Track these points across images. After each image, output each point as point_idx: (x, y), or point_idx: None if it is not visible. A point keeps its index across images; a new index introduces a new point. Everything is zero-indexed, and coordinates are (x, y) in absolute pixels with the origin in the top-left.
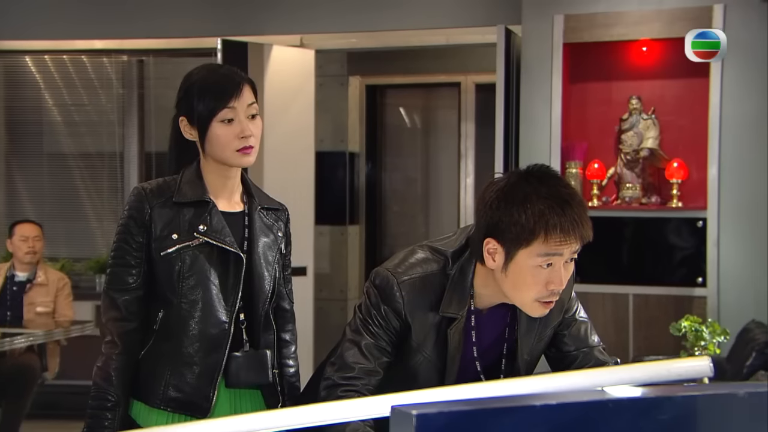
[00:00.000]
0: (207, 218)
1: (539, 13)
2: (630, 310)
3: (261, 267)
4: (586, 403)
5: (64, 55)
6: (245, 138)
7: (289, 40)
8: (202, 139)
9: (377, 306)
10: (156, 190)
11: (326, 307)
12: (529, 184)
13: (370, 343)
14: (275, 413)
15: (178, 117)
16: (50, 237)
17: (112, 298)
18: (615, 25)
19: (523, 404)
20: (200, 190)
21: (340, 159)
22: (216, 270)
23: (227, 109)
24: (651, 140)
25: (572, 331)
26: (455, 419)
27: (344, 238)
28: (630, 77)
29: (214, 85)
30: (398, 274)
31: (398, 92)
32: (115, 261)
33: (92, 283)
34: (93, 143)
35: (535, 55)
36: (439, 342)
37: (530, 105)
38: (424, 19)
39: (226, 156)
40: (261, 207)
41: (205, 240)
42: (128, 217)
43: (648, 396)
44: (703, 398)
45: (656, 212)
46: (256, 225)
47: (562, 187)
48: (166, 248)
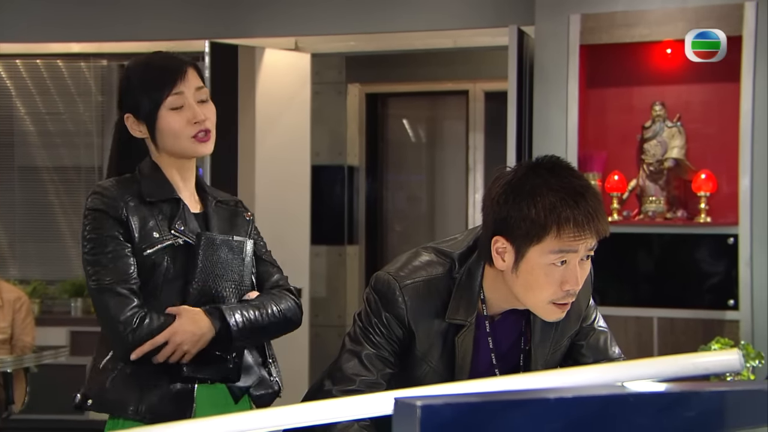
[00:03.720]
0: (182, 217)
1: (554, 12)
2: (654, 335)
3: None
4: (604, 398)
5: (37, 60)
6: (199, 123)
7: (282, 42)
8: (152, 133)
9: (378, 313)
10: (121, 187)
11: (323, 334)
12: (539, 176)
13: (372, 353)
14: (267, 412)
15: (123, 116)
16: (22, 257)
17: (116, 292)
18: (636, 25)
19: (536, 397)
20: (168, 187)
21: (338, 174)
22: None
23: (174, 95)
24: (676, 150)
25: (590, 341)
26: (463, 412)
27: (342, 260)
28: (653, 82)
29: (156, 71)
30: (401, 278)
31: (401, 101)
32: (102, 255)
33: (67, 307)
34: (69, 156)
35: (549, 59)
36: (446, 351)
37: (544, 113)
38: (429, 21)
39: (182, 146)
40: (216, 201)
41: (185, 240)
42: (101, 212)
43: (672, 391)
44: (732, 394)
45: (682, 228)
46: (213, 223)
47: (575, 178)
48: (149, 247)
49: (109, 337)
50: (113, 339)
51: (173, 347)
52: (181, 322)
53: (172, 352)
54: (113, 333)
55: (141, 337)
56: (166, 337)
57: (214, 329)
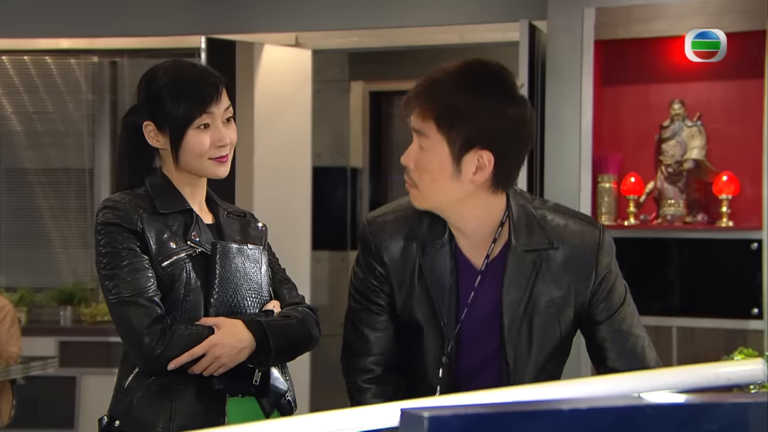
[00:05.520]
0: (197, 228)
1: (567, 6)
2: (673, 345)
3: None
4: (620, 409)
5: (24, 56)
6: (223, 147)
7: (282, 38)
8: (175, 148)
9: (360, 263)
10: (134, 200)
11: (325, 344)
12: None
13: (367, 314)
14: (273, 424)
15: (141, 122)
16: (8, 264)
17: (138, 304)
18: (655, 19)
19: (549, 408)
20: (180, 199)
21: (341, 175)
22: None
23: (206, 114)
24: (696, 150)
25: (625, 346)
26: (472, 423)
27: (345, 266)
28: (672, 79)
29: (192, 86)
30: (371, 217)
31: None
32: (120, 269)
33: (56, 316)
34: (58, 157)
35: (562, 55)
36: (422, 285)
37: (557, 111)
38: (436, 15)
39: (201, 166)
40: (227, 212)
41: (201, 250)
42: (115, 225)
43: (692, 403)
44: (755, 407)
45: (703, 233)
46: (226, 233)
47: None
48: (166, 258)
49: (133, 351)
50: (137, 352)
51: (211, 359)
52: (221, 335)
53: (208, 365)
54: (137, 345)
55: (172, 348)
56: (205, 348)
57: (254, 343)
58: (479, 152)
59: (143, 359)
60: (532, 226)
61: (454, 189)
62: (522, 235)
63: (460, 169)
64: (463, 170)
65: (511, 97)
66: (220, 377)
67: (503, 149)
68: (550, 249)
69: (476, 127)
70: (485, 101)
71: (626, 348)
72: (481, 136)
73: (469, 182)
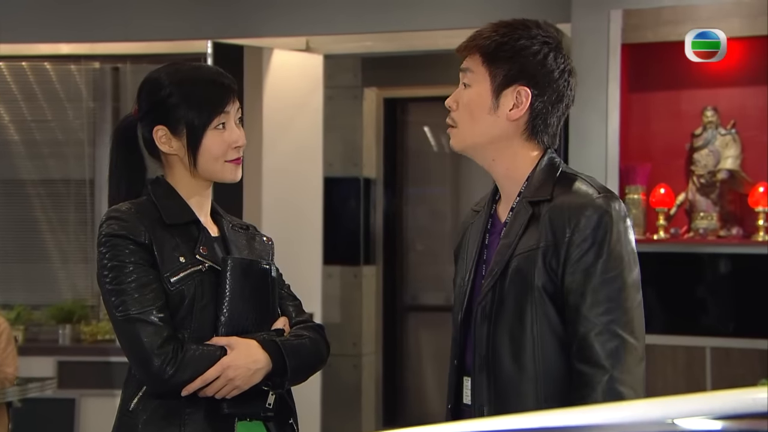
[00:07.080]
0: (204, 241)
1: (593, 8)
2: (707, 367)
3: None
4: None
5: (22, 62)
6: (238, 148)
7: (292, 43)
8: (193, 151)
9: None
10: (139, 210)
11: (336, 364)
12: None
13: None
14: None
15: (151, 127)
16: (4, 280)
17: (147, 322)
18: (685, 21)
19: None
20: (188, 210)
21: (353, 186)
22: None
23: (223, 113)
24: (730, 160)
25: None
26: None
27: (358, 281)
28: (704, 84)
29: (207, 87)
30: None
31: (422, 107)
32: (126, 284)
33: (54, 334)
34: (57, 167)
35: (587, 59)
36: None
37: (582, 119)
38: (453, 19)
39: (218, 168)
40: (232, 225)
41: (210, 265)
42: (121, 237)
43: (728, 430)
44: None
45: (737, 247)
46: (233, 247)
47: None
48: (174, 274)
49: (141, 372)
50: (147, 373)
51: (224, 382)
52: (234, 356)
53: (221, 387)
54: (147, 366)
55: (183, 369)
56: (218, 371)
57: (270, 364)
58: (518, 88)
59: (153, 381)
60: (547, 181)
61: (491, 124)
62: (533, 187)
63: (498, 103)
64: (501, 105)
65: (557, 48)
66: (230, 400)
67: (541, 90)
68: (546, 201)
69: (518, 64)
70: (531, 43)
71: (578, 332)
72: (521, 74)
73: (505, 118)
